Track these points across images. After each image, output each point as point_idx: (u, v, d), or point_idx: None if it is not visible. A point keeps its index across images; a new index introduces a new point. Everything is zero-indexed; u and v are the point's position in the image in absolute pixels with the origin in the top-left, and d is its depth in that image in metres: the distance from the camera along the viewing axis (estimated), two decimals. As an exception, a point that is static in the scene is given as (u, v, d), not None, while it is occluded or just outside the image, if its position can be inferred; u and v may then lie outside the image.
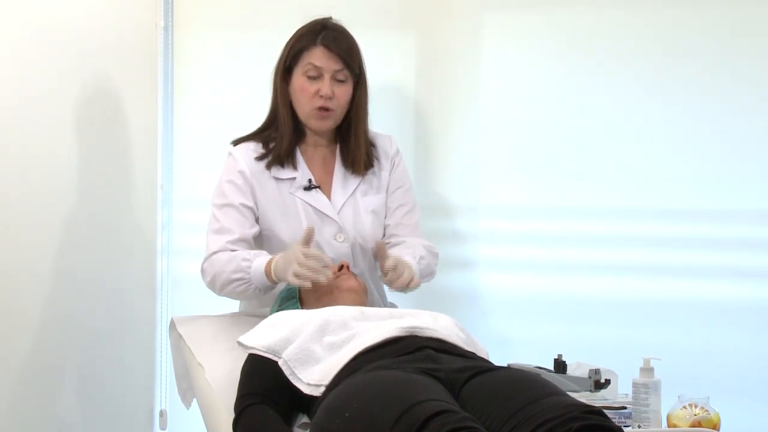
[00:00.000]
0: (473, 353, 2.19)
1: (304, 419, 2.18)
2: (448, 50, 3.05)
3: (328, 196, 2.60)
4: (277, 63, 2.62)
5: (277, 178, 2.59)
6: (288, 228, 2.55)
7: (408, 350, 2.09)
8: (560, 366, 2.36)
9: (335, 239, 2.57)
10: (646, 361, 2.32)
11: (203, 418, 2.41)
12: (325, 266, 2.34)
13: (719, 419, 2.29)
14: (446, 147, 3.04)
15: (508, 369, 2.14)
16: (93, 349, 2.91)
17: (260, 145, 2.62)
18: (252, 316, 2.58)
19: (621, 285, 2.92)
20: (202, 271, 2.55)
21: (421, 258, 2.58)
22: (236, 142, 2.64)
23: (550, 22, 2.98)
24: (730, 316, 2.85)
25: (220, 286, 2.50)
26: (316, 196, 2.59)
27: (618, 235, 2.93)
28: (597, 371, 2.30)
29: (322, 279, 2.32)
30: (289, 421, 2.15)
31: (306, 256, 2.32)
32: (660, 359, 2.33)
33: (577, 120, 2.96)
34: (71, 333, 2.81)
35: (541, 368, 2.35)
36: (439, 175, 3.05)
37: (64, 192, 2.79)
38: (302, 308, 2.38)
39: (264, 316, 2.37)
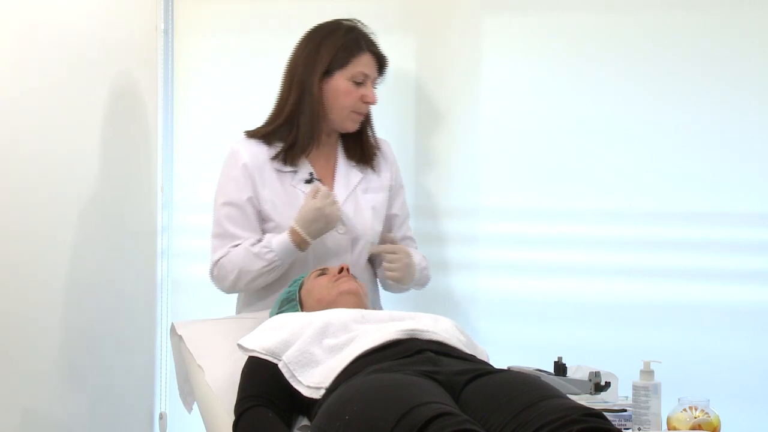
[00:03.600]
0: (473, 356, 2.19)
1: (304, 422, 2.18)
2: (449, 52, 3.04)
3: (331, 190, 2.61)
4: (310, 63, 2.59)
5: (279, 171, 2.61)
6: (291, 219, 2.55)
7: (408, 353, 2.09)
8: (560, 369, 2.36)
9: (336, 231, 2.59)
10: (647, 364, 2.32)
11: (203, 420, 2.41)
12: (331, 199, 2.50)
13: (719, 422, 2.29)
14: (447, 149, 3.03)
15: (508, 372, 2.13)
16: (93, 352, 2.91)
17: (269, 138, 2.62)
18: (252, 319, 2.58)
19: (621, 288, 2.92)
20: (214, 278, 2.59)
21: (421, 263, 2.67)
22: (249, 134, 2.64)
23: (550, 24, 2.98)
24: (731, 319, 2.85)
25: (245, 283, 2.55)
26: None
27: (618, 237, 2.92)
28: (597, 374, 2.30)
29: (335, 210, 2.50)
30: (289, 424, 2.15)
31: (315, 197, 2.47)
32: (660, 362, 2.33)
33: (578, 122, 2.96)
34: (71, 335, 2.81)
35: (541, 371, 2.35)
36: (440, 178, 3.04)
37: (64, 194, 2.79)
38: (302, 311, 2.38)
39: (264, 319, 2.37)
